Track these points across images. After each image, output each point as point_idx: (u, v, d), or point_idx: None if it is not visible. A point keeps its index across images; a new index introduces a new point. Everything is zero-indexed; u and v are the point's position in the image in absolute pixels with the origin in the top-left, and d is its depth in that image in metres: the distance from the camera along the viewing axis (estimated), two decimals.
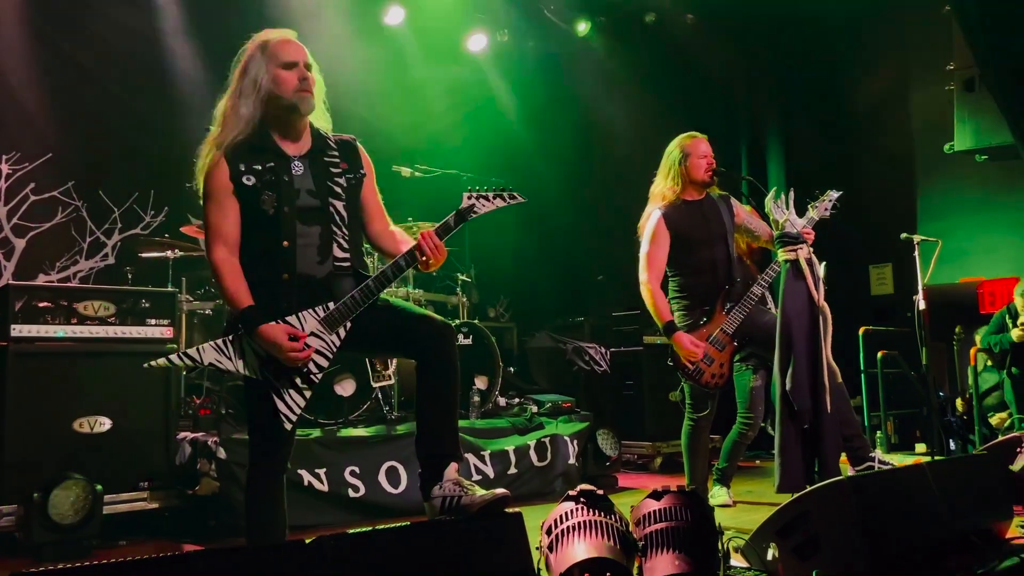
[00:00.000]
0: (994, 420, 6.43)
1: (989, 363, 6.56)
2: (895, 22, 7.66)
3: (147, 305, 4.27)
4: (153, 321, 4.27)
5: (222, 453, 4.12)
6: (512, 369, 6.81)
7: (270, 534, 2.72)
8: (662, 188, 4.18)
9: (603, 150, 8.51)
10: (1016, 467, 3.70)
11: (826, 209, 4.01)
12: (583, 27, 8.23)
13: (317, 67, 2.77)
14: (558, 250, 8.59)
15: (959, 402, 6.78)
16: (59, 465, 3.78)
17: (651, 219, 4.14)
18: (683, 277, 4.15)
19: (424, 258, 2.64)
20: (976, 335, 6.89)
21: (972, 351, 6.65)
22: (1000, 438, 4.47)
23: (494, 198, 2.71)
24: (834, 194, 4.03)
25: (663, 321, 4.04)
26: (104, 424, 4.02)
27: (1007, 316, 6.58)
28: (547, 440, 5.26)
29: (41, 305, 3.98)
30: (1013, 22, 5.52)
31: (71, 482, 3.68)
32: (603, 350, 7.22)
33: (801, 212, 3.72)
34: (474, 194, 2.71)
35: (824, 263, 4.65)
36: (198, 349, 2.61)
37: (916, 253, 5.78)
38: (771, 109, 8.26)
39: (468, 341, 5.59)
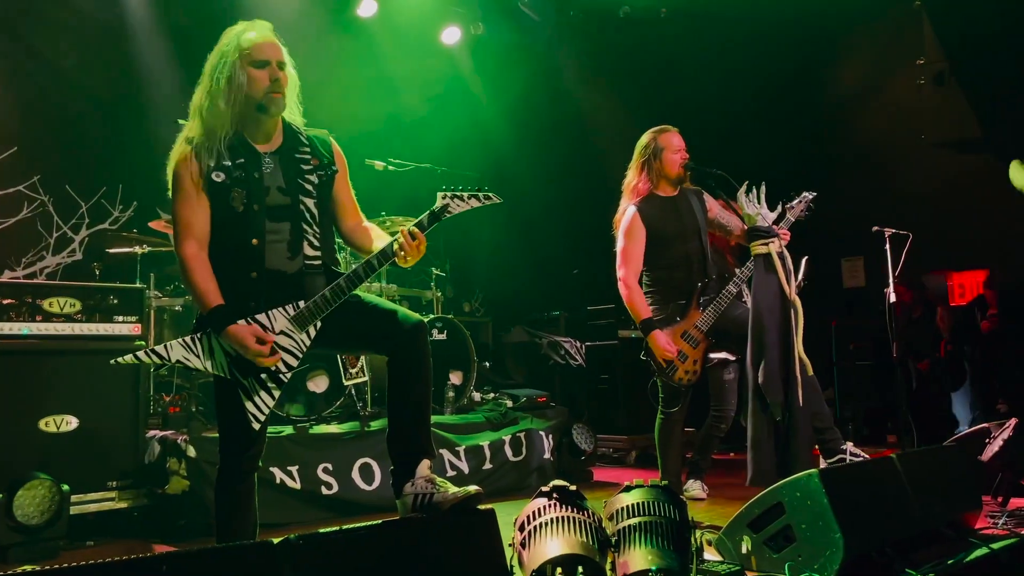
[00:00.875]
0: None
1: None
2: (867, 16, 7.72)
3: (115, 302, 4.20)
4: (121, 318, 4.20)
5: (192, 451, 4.07)
6: (487, 364, 6.80)
7: (241, 533, 2.69)
8: (636, 182, 4.17)
9: (578, 143, 8.51)
10: (985, 457, 3.74)
11: (801, 211, 4.03)
12: (558, 20, 8.20)
13: (291, 62, 2.72)
14: (533, 244, 8.57)
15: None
16: (24, 465, 3.70)
17: (626, 215, 4.14)
18: (657, 272, 4.15)
19: (403, 252, 2.61)
20: None
21: (941, 343, 6.73)
22: (968, 428, 4.53)
23: (469, 198, 2.69)
24: (808, 195, 4.05)
25: (641, 318, 4.04)
26: (71, 423, 3.95)
27: (976, 308, 6.67)
28: (522, 435, 5.25)
29: (5, 302, 3.90)
30: (982, 16, 5.58)
31: (37, 482, 3.61)
32: (578, 344, 7.23)
33: (773, 207, 3.73)
34: (448, 193, 2.67)
35: (806, 258, 4.68)
36: (166, 346, 2.58)
37: (887, 246, 5.83)
38: (744, 102, 8.28)
39: (443, 336, 5.57)
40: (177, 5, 6.37)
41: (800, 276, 4.84)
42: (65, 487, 3.69)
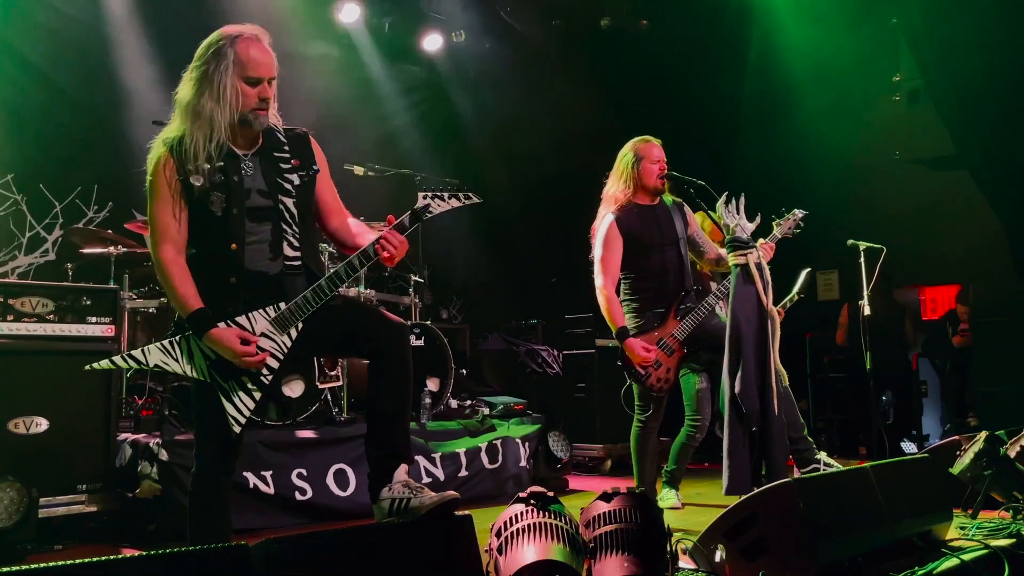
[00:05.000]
0: None
1: None
2: (844, 33, 7.82)
3: (88, 302, 4.15)
4: (94, 319, 4.15)
5: (164, 455, 4.02)
6: (464, 371, 6.79)
7: (213, 538, 2.64)
8: (614, 190, 4.19)
9: (557, 152, 8.54)
10: (955, 470, 3.78)
11: (790, 228, 4.07)
12: (539, 30, 8.23)
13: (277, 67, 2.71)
14: (512, 252, 8.58)
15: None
16: None
17: (603, 223, 4.16)
18: (634, 280, 4.17)
19: (386, 254, 2.61)
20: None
21: (914, 356, 6.82)
22: (939, 441, 4.58)
23: (449, 198, 2.70)
24: (799, 212, 4.08)
25: (616, 327, 4.06)
26: (41, 425, 3.89)
27: (947, 323, 6.76)
28: (498, 442, 5.25)
29: None
30: (956, 36, 5.67)
31: (5, 484, 3.55)
32: (555, 352, 7.24)
33: (751, 218, 3.76)
34: (429, 194, 2.69)
35: (807, 270, 4.70)
36: (143, 350, 2.55)
37: (861, 260, 5.90)
38: (723, 114, 8.36)
39: (420, 342, 5.55)
40: (156, 4, 6.32)
41: (799, 286, 4.90)
42: (34, 490, 3.63)
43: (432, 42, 7.99)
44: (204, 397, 2.60)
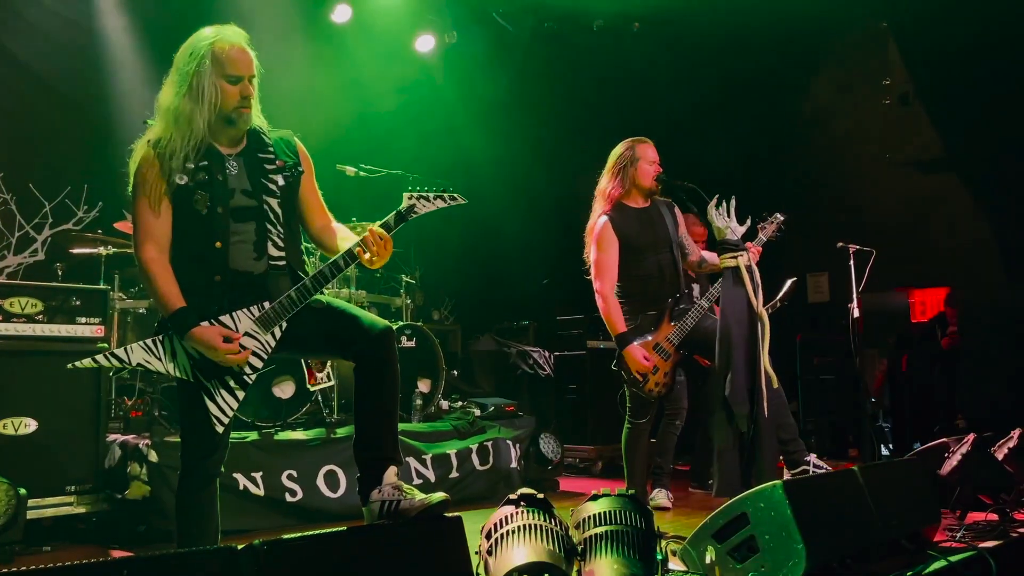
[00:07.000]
0: None
1: None
2: (835, 36, 7.86)
3: (77, 303, 4.12)
4: (83, 320, 4.13)
5: (153, 456, 4.00)
6: (455, 372, 6.78)
7: (202, 539, 2.65)
8: (608, 188, 4.20)
9: (549, 154, 8.54)
10: (944, 471, 3.80)
11: (774, 231, 4.10)
12: (532, 31, 8.24)
13: (258, 70, 2.70)
14: (503, 253, 8.58)
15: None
16: None
17: (598, 225, 4.16)
18: (628, 281, 4.17)
19: (368, 255, 2.61)
20: None
21: (904, 358, 6.85)
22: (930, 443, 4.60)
23: (435, 199, 2.71)
24: (780, 216, 4.11)
25: (616, 331, 4.05)
26: (29, 425, 3.87)
27: (936, 325, 6.80)
28: (489, 444, 5.24)
29: None
30: (946, 39, 5.71)
31: None
32: (547, 354, 7.24)
33: (742, 221, 3.77)
34: (415, 194, 2.70)
35: (793, 280, 4.74)
36: (126, 349, 2.54)
37: (851, 262, 5.92)
38: (713, 118, 8.39)
39: (411, 343, 5.54)
40: (148, 3, 6.30)
41: (783, 293, 4.93)
42: (22, 491, 3.61)
43: (424, 43, 7.98)
44: (188, 397, 2.60)
